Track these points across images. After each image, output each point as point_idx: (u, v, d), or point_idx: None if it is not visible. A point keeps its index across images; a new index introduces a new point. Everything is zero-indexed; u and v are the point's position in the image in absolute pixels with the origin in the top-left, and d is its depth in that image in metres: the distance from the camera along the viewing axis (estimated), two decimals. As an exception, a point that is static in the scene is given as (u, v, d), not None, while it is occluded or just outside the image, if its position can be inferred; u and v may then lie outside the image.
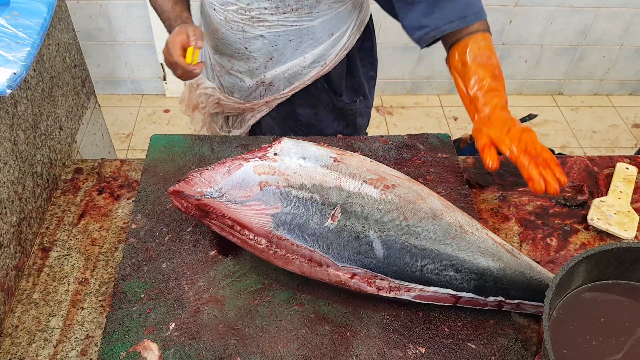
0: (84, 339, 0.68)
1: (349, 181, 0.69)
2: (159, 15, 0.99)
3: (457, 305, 0.69)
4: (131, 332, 0.66)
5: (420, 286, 0.67)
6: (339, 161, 0.72)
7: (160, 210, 0.81)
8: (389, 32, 2.13)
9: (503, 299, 0.68)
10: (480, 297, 0.68)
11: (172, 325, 0.67)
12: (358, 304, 0.70)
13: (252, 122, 1.11)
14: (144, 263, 0.74)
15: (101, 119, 1.18)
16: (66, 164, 0.93)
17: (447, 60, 0.90)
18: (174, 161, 0.89)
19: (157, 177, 0.86)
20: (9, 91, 0.69)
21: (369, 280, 0.67)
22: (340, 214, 0.67)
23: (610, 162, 0.96)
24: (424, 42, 0.89)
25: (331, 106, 1.09)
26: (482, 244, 0.69)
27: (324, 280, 0.69)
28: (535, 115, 2.18)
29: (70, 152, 0.97)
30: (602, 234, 0.83)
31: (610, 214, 0.84)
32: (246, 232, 0.69)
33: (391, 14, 0.96)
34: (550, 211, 0.87)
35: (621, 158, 0.96)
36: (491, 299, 0.68)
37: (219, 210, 0.70)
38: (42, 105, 0.86)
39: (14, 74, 0.72)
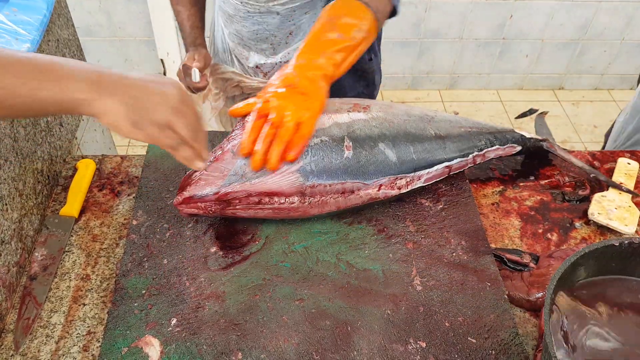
0: (86, 334, 0.69)
1: (338, 116, 0.77)
2: (181, 32, 1.10)
3: (451, 174, 0.83)
4: (133, 327, 0.67)
5: (426, 171, 0.80)
6: None
7: (161, 206, 0.81)
8: (389, 27, 2.12)
9: (478, 153, 0.84)
10: (464, 159, 0.83)
11: (174, 321, 0.68)
12: (358, 299, 0.71)
13: None
14: (145, 259, 0.74)
15: (101, 115, 1.18)
16: (66, 160, 0.93)
17: None
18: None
19: (158, 173, 0.86)
20: (8, 87, 0.69)
21: (391, 184, 0.78)
22: (351, 143, 0.74)
23: (611, 157, 0.95)
24: None
25: (352, 69, 1.08)
26: (449, 118, 0.85)
27: (358, 205, 0.78)
28: (536, 110, 2.18)
29: (70, 148, 0.97)
30: (603, 229, 0.83)
31: (611, 209, 0.84)
32: (276, 198, 0.73)
33: None
34: (551, 206, 0.87)
35: (622, 153, 0.96)
36: (470, 157, 0.84)
37: (244, 191, 0.72)
38: (42, 101, 0.86)
39: (14, 70, 0.71)
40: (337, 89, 1.14)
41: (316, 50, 0.78)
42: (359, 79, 1.15)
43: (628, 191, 0.86)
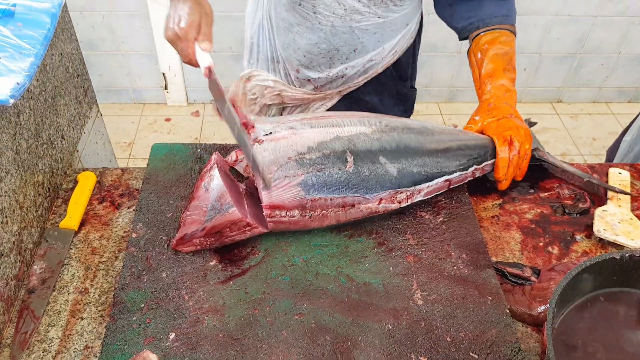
0: (83, 349, 0.68)
1: (340, 130, 0.78)
2: None
3: (451, 187, 0.84)
4: (131, 342, 0.66)
5: (426, 184, 0.80)
6: (320, 118, 0.80)
7: (161, 219, 0.81)
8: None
9: (477, 166, 0.85)
10: (463, 172, 0.84)
11: (172, 336, 0.67)
12: (359, 313, 0.70)
13: (320, 110, 1.13)
14: (144, 272, 0.74)
15: (103, 128, 1.18)
16: (67, 172, 0.93)
17: (469, 51, 1.01)
18: (175, 170, 0.89)
19: (158, 185, 0.86)
20: (12, 101, 0.70)
21: (392, 198, 0.78)
22: (352, 157, 0.75)
23: (610, 169, 0.95)
24: (467, 31, 1.00)
25: (395, 92, 1.15)
26: (448, 131, 0.86)
27: (358, 218, 0.78)
28: (535, 123, 2.17)
29: (71, 161, 0.97)
30: (604, 242, 0.83)
31: (615, 224, 0.84)
32: (277, 212, 0.73)
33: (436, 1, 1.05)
34: (552, 219, 0.87)
35: (621, 165, 0.96)
36: (469, 171, 0.85)
37: (228, 221, 0.72)
38: (44, 114, 0.87)
39: (17, 83, 0.72)
40: (377, 111, 1.14)
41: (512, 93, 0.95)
42: (399, 102, 1.16)
43: (622, 192, 0.88)
